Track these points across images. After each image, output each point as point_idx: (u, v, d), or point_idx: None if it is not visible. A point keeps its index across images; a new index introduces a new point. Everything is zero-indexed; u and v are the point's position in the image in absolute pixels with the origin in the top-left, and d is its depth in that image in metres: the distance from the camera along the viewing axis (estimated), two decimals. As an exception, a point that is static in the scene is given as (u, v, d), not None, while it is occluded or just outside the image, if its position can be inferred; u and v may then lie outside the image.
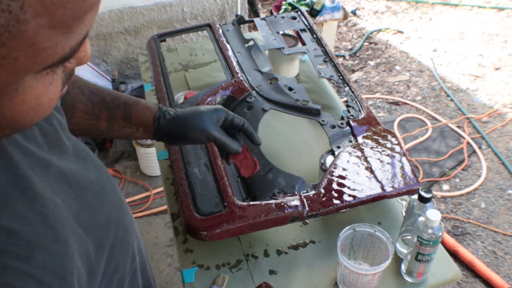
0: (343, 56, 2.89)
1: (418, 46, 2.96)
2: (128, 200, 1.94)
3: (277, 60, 1.31)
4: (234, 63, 1.21)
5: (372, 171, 0.96)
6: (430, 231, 0.80)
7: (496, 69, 2.75)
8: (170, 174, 1.03)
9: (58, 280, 0.36)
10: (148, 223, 1.88)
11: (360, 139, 1.02)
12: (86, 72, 2.08)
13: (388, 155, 0.99)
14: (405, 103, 2.51)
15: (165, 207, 1.90)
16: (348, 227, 0.85)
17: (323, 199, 0.91)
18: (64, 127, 0.51)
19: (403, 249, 0.92)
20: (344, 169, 0.96)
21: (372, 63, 2.84)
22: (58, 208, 0.41)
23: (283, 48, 1.26)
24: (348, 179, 0.94)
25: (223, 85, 1.14)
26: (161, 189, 1.96)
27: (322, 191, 0.92)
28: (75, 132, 0.58)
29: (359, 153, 0.99)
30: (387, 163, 0.97)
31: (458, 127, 2.34)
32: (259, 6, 3.25)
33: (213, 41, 1.30)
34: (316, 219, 0.98)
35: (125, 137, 0.75)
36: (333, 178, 0.94)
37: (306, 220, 0.97)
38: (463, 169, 2.13)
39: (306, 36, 1.32)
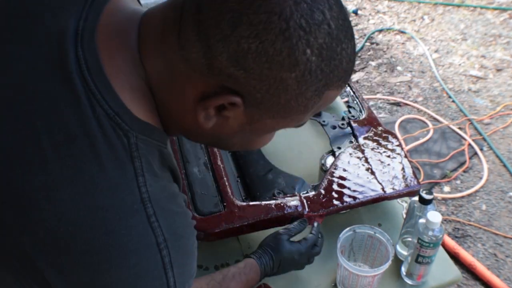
0: (345, 57, 2.89)
1: (420, 46, 2.95)
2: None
3: (278, 60, 1.30)
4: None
5: (372, 172, 0.95)
6: (430, 233, 0.79)
7: (498, 70, 2.74)
8: (169, 174, 1.02)
9: None
10: (147, 222, 1.86)
11: (361, 140, 1.02)
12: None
13: (389, 156, 0.98)
14: (407, 104, 2.51)
15: (164, 206, 1.89)
16: (348, 228, 0.85)
17: (323, 200, 0.90)
18: None
19: (403, 251, 0.91)
20: (344, 170, 0.95)
21: (373, 63, 2.83)
22: None
23: (284, 47, 1.26)
24: (349, 180, 0.93)
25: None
26: (161, 188, 1.94)
27: (322, 192, 0.91)
28: None
29: (360, 154, 0.98)
30: (388, 164, 0.97)
31: (460, 128, 2.34)
32: (261, 5, 3.24)
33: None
34: (316, 220, 0.97)
35: None
36: (334, 179, 0.93)
37: (305, 221, 0.96)
38: (464, 171, 2.12)
39: (307, 35, 1.31)
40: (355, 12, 3.31)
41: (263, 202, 0.88)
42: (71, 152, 0.43)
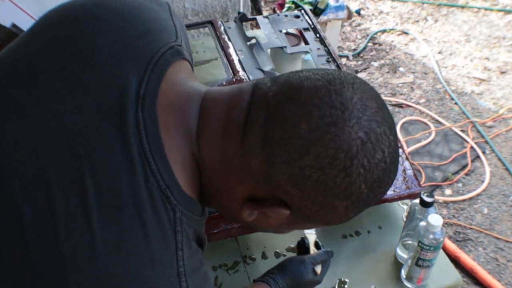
0: (347, 57, 2.88)
1: (423, 47, 2.93)
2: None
3: (279, 59, 1.30)
4: (236, 61, 1.19)
5: (373, 174, 0.94)
6: (431, 236, 0.78)
7: (502, 73, 2.72)
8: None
9: None
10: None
11: (362, 141, 1.00)
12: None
13: (390, 157, 0.97)
14: (409, 106, 2.49)
15: (164, 205, 1.88)
16: None
17: (323, 202, 0.89)
18: None
19: (403, 254, 0.90)
20: (345, 171, 0.94)
21: (375, 64, 2.82)
22: None
23: (285, 47, 1.25)
24: (349, 181, 0.92)
25: (224, 83, 1.13)
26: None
27: (322, 193, 0.90)
28: None
29: (361, 155, 0.97)
30: (389, 166, 0.96)
31: (462, 131, 2.32)
32: (262, 4, 3.23)
33: (215, 38, 1.28)
34: (315, 221, 0.96)
35: None
36: (334, 180, 0.92)
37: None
38: (466, 174, 2.11)
39: (309, 35, 1.30)
40: (358, 12, 3.30)
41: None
42: (117, 218, 0.43)
